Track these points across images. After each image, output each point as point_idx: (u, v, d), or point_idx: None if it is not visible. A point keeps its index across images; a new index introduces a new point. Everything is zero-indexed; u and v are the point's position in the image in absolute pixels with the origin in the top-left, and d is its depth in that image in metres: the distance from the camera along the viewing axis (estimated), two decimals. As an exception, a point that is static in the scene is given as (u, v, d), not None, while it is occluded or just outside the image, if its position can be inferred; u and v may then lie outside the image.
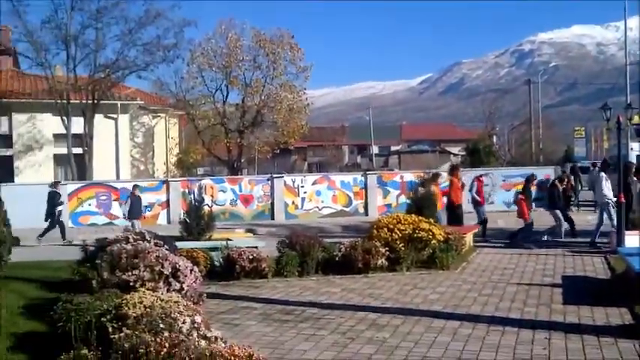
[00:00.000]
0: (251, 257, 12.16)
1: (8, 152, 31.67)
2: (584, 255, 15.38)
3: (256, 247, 13.09)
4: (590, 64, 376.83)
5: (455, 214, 18.24)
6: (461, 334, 8.30)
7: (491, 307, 9.99)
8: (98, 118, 31.57)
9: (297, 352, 7.58)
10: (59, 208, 21.26)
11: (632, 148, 28.95)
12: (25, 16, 30.51)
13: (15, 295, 10.50)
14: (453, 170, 19.94)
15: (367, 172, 30.64)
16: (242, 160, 42.30)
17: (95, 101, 30.94)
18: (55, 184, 22.23)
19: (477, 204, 19.42)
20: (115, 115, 32.81)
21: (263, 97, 38.00)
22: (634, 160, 28.15)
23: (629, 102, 29.33)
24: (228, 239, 13.68)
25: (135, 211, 20.65)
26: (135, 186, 21.61)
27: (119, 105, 32.93)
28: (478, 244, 17.39)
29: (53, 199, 21.04)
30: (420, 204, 16.00)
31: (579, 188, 29.76)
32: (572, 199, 27.04)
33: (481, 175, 20.98)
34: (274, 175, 28.83)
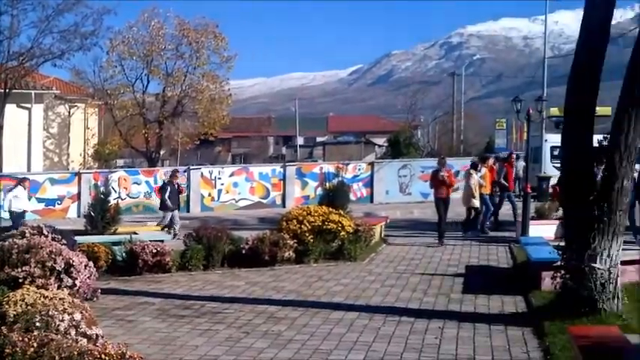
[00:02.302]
0: (154, 251, 11.91)
1: None
2: (491, 245, 15.71)
3: (162, 241, 12.80)
4: (516, 57, 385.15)
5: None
6: (357, 325, 8.33)
7: (392, 297, 10.08)
8: (10, 108, 30.47)
9: (188, 347, 7.45)
10: None
11: (546, 140, 29.66)
12: None
13: None
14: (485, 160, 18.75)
15: (286, 164, 30.59)
16: (162, 152, 41.67)
17: (7, 90, 29.85)
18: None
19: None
20: (28, 105, 31.81)
21: (184, 87, 37.52)
22: (548, 151, 28.92)
23: (540, 95, 30.07)
24: (134, 233, 13.37)
25: (174, 200, 18.51)
26: (174, 171, 20.54)
27: (33, 94, 31.93)
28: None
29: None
30: (333, 195, 16.01)
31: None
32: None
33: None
34: (191, 167, 28.40)
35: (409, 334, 7.90)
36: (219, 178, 27.34)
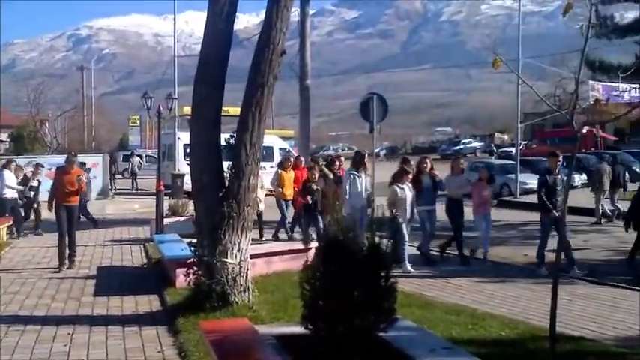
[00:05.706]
0: None
1: None
2: (125, 244, 15.48)
3: None
4: (148, 53, 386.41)
5: None
6: (-26, 341, 7.50)
7: (16, 305, 9.34)
8: None
9: None
10: None
11: (179, 138, 29.97)
12: None
13: None
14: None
15: None
16: None
17: None
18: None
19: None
20: None
21: None
22: (181, 149, 29.22)
23: (170, 92, 30.47)
24: None
25: None
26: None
27: None
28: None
29: None
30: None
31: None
32: None
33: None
34: None
35: (35, 344, 7.35)
36: None
